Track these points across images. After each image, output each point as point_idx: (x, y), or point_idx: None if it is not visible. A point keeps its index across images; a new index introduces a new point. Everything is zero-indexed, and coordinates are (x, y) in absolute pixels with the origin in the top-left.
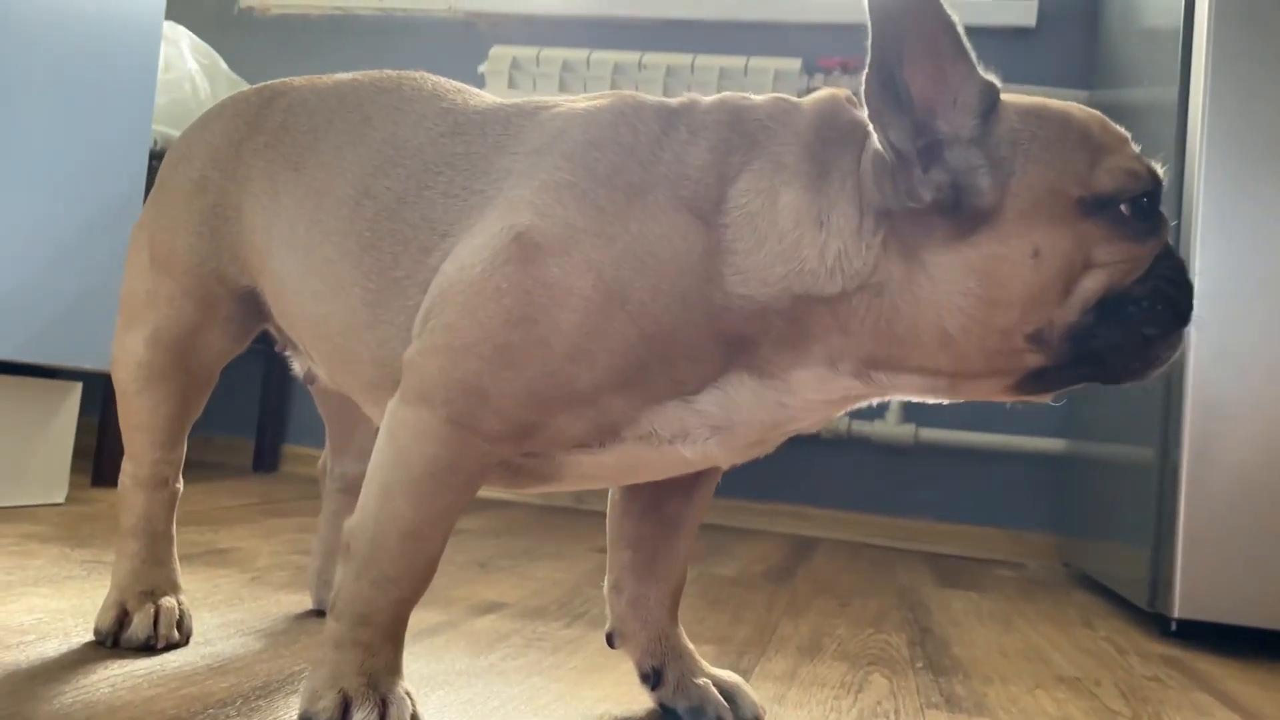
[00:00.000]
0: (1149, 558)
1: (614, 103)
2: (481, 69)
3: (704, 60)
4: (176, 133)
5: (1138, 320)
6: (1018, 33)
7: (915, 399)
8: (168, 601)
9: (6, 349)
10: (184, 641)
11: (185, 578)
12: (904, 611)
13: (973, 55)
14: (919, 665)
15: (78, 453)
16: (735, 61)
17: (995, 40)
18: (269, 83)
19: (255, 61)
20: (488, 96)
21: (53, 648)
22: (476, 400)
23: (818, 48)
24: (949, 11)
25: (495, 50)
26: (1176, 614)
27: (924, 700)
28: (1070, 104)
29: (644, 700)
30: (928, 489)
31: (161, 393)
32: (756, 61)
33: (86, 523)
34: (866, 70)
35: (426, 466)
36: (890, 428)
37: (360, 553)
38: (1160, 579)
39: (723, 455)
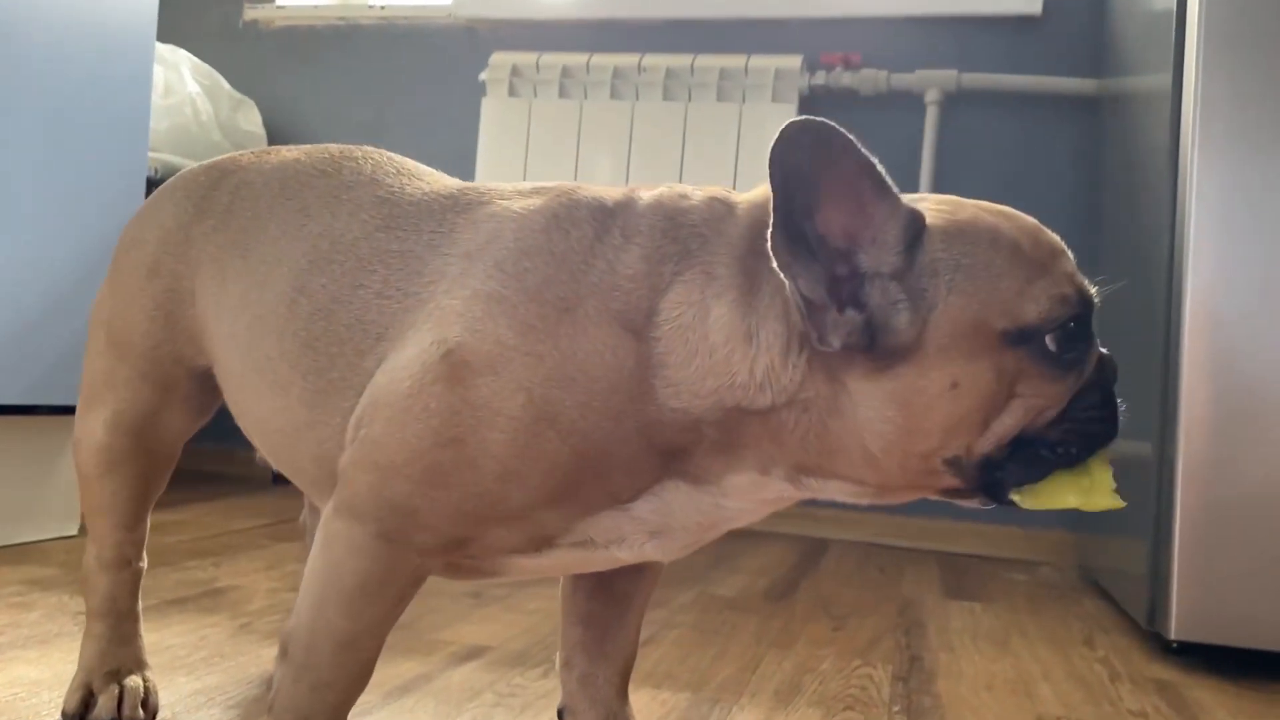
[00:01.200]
0: (1147, 575)
1: (548, 203)
2: (482, 76)
3: (704, 61)
4: (179, 159)
5: (1048, 462)
6: (1023, 21)
7: (840, 500)
8: (132, 681)
9: (12, 394)
10: (150, 719)
11: (174, 629)
12: (898, 635)
13: (895, 190)
14: (896, 709)
15: None
16: (735, 61)
17: (1000, 29)
18: (217, 160)
19: (261, 75)
20: (429, 180)
21: None
22: (406, 518)
23: (820, 43)
24: (864, 152)
25: (495, 57)
26: (1174, 635)
27: None
28: (1002, 216)
29: None
30: None
31: (122, 476)
32: (757, 60)
33: None
34: (772, 224)
35: (358, 580)
36: None
37: (297, 658)
38: (1158, 598)
39: (660, 555)
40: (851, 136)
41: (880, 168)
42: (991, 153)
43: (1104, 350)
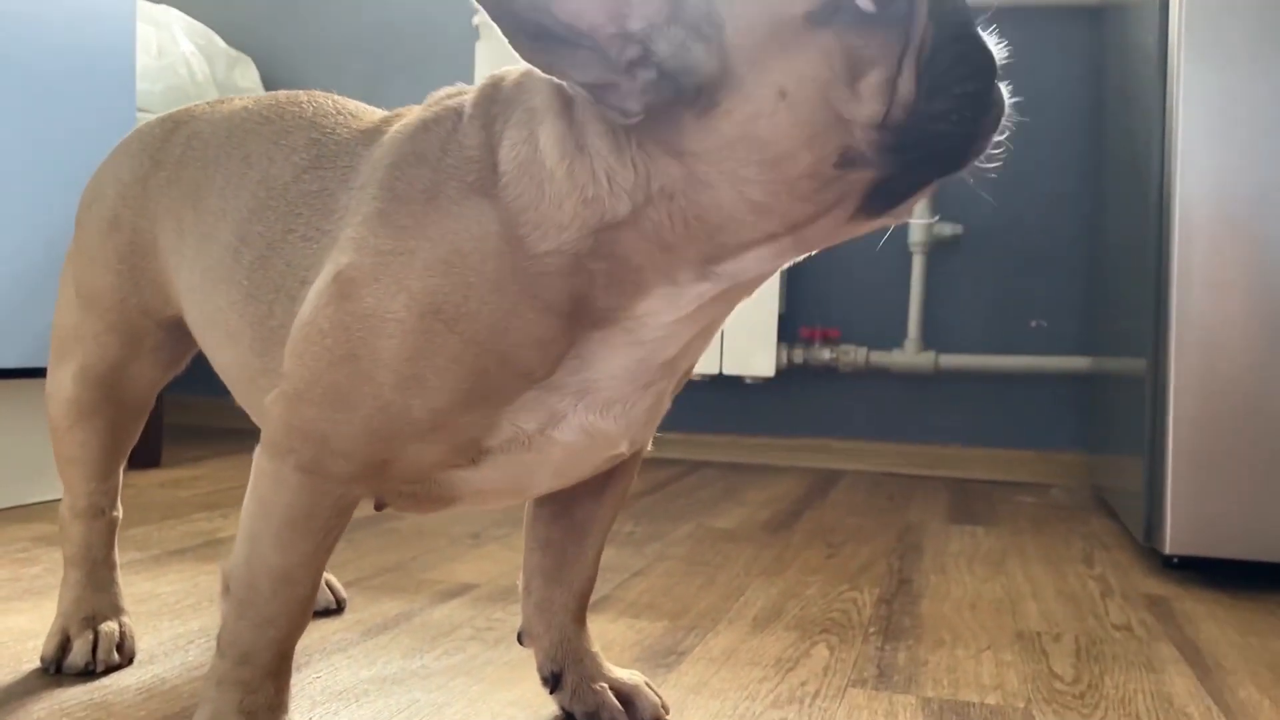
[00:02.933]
0: (1144, 490)
1: (422, 113)
2: (475, 20)
3: None
4: None
5: (939, 131)
6: None
7: (772, 269)
8: (107, 626)
9: (18, 357)
10: (126, 663)
11: (168, 578)
12: (892, 560)
13: None
14: (872, 630)
15: None
16: None
17: None
18: (173, 112)
19: (258, 30)
20: (365, 117)
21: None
22: (319, 446)
23: None
24: None
25: None
26: (1169, 550)
27: (855, 676)
28: None
29: (554, 704)
30: (954, 414)
31: (91, 427)
32: None
33: None
34: (504, 36)
35: (285, 514)
36: (910, 357)
37: (237, 595)
38: (1154, 513)
39: (598, 419)
40: None
41: None
42: None
43: None
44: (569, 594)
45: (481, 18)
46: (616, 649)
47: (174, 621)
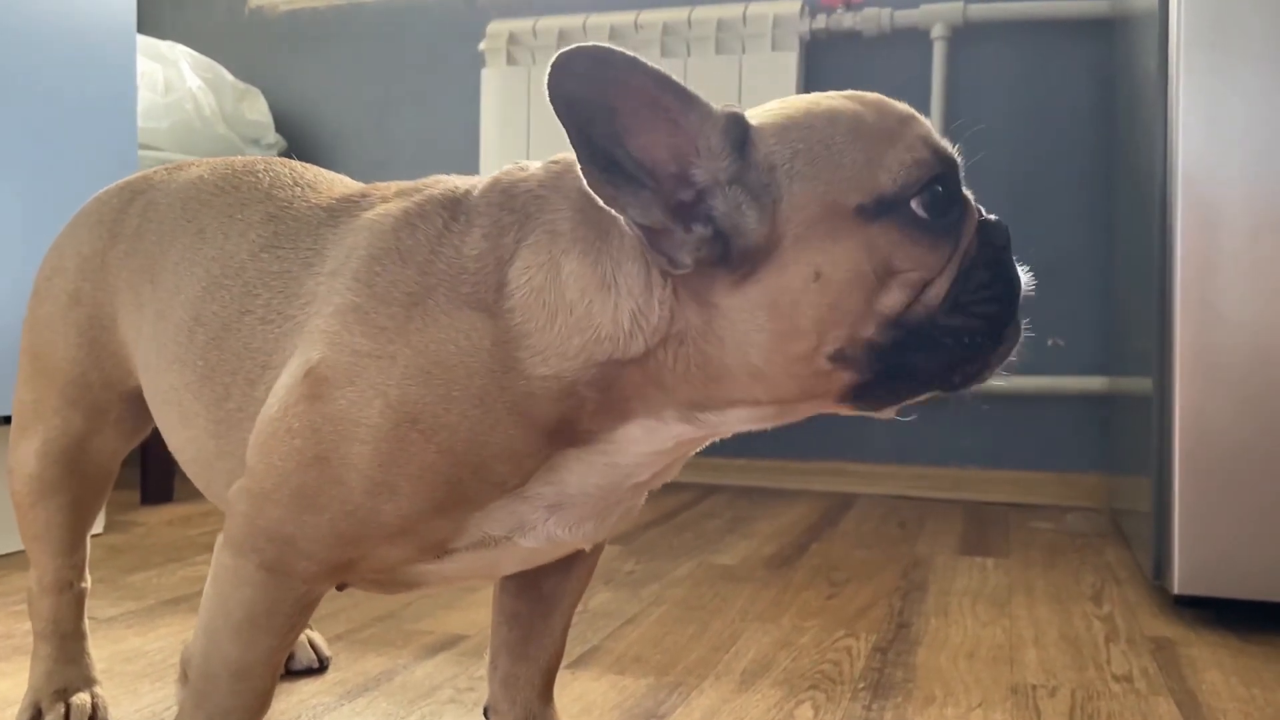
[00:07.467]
0: (1153, 524)
1: (403, 204)
2: (480, 46)
3: (700, 13)
4: (184, 156)
5: (950, 350)
6: None
7: (750, 428)
8: (79, 699)
9: None
10: None
11: (158, 632)
12: (894, 600)
13: (700, 98)
14: (862, 686)
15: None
16: (733, 10)
17: None
18: (130, 179)
19: (268, 62)
20: (324, 190)
21: None
22: (283, 546)
23: None
24: (652, 66)
25: (492, 26)
26: (1177, 589)
27: None
28: (845, 97)
29: None
30: (970, 436)
31: (55, 504)
32: (755, 8)
33: (111, 557)
34: (578, 161)
35: (245, 611)
36: None
37: (196, 685)
38: (1163, 550)
39: (565, 534)
40: (633, 54)
41: (671, 76)
42: (1004, 86)
43: (989, 216)
44: (535, 670)
45: (486, 44)
46: (596, 712)
47: (155, 685)
